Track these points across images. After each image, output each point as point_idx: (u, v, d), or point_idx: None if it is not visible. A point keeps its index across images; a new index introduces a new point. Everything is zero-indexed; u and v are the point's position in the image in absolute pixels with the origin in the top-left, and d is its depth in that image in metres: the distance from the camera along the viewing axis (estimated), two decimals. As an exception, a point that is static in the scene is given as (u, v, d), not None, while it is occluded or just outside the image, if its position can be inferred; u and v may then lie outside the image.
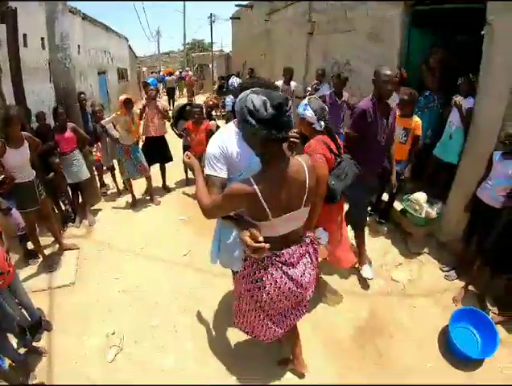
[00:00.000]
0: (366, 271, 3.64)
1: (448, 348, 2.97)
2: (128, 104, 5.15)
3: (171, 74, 18.09)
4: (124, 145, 5.23)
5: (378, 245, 4.33)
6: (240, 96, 1.74)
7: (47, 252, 4.20)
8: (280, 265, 1.90)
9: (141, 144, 5.74)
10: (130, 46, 18.10)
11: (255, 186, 1.66)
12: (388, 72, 3.07)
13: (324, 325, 3.20)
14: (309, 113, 2.68)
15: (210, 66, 21.67)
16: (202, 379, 2.67)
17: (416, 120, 4.05)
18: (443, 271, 3.82)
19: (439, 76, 4.45)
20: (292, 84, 6.47)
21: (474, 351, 2.91)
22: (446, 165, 4.23)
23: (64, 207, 5.00)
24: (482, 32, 3.41)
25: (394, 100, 4.50)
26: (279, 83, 5.97)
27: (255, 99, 1.60)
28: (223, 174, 1.98)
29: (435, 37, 4.90)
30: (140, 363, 2.86)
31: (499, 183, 3.06)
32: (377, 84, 3.15)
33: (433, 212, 4.06)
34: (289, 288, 1.95)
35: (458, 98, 3.99)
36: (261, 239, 1.68)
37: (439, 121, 4.48)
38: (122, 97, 5.25)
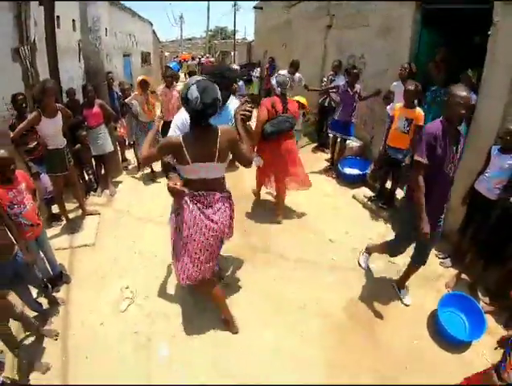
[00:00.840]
0: (405, 296, 3.51)
1: (437, 330, 3.13)
2: (143, 85, 5.56)
3: (185, 60, 18.43)
4: (141, 122, 5.64)
5: (379, 229, 4.59)
6: (187, 81, 2.35)
7: (70, 216, 4.59)
8: (195, 202, 2.49)
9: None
10: (153, 30, 18.41)
11: (180, 139, 2.32)
12: (464, 94, 2.57)
13: (320, 297, 3.46)
14: (273, 82, 4.34)
15: (232, 53, 21.89)
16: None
17: (419, 111, 4.26)
18: (438, 258, 4.02)
19: (445, 73, 4.62)
20: (297, 75, 6.79)
21: (461, 334, 3.05)
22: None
23: (87, 177, 5.42)
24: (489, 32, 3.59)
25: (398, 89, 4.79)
26: (284, 72, 6.31)
27: (193, 92, 2.20)
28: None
29: (444, 36, 5.05)
30: (149, 313, 3.23)
31: (495, 176, 3.26)
32: (450, 106, 2.62)
33: None
34: (203, 222, 2.50)
35: None
36: (178, 183, 2.48)
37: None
38: (139, 78, 5.69)
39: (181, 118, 2.78)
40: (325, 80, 7.09)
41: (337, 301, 3.43)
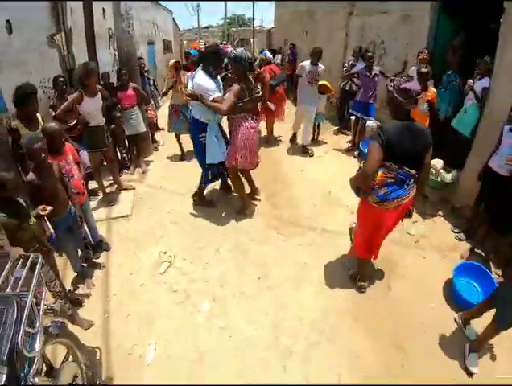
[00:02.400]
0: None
1: (451, 297, 3.30)
2: (177, 66, 5.89)
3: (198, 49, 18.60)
4: (174, 104, 5.93)
5: None
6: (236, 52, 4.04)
7: (106, 191, 4.91)
8: (249, 120, 4.06)
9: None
10: (173, 19, 18.63)
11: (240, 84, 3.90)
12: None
13: (341, 259, 3.75)
14: (268, 55, 7.17)
15: (251, 41, 21.96)
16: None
17: (433, 90, 4.52)
18: (454, 232, 4.22)
19: (460, 58, 4.80)
20: (320, 68, 6.12)
21: (474, 299, 3.18)
22: (459, 135, 4.61)
23: (120, 156, 5.73)
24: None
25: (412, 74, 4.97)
26: (306, 63, 6.07)
27: (244, 53, 3.98)
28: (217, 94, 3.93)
29: (462, 23, 5.21)
30: (187, 273, 3.54)
31: (505, 153, 3.45)
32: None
33: (448, 177, 4.50)
34: (252, 133, 4.07)
35: (470, 81, 4.43)
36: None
37: (459, 98, 4.83)
38: (172, 62, 6.00)
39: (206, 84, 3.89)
40: (346, 65, 7.27)
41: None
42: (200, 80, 3.86)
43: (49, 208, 2.68)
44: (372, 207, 2.83)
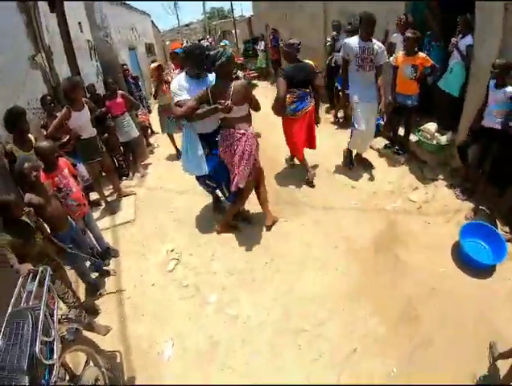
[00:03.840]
0: None
1: (460, 259, 3.30)
2: (160, 69, 5.94)
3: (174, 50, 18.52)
4: (161, 105, 6.03)
5: (396, 172, 4.86)
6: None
7: (108, 199, 4.97)
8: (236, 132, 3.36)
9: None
10: (152, 21, 18.51)
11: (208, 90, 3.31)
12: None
13: (345, 235, 3.79)
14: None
15: (233, 32, 21.79)
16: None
17: (422, 56, 4.40)
18: (455, 194, 4.20)
19: (440, 17, 4.78)
20: (374, 42, 4.43)
21: (484, 259, 3.22)
22: (449, 97, 4.60)
23: (118, 164, 5.79)
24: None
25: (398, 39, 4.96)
26: (353, 40, 4.42)
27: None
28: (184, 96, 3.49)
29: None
30: (195, 268, 3.62)
31: (493, 108, 3.49)
32: None
33: (443, 140, 4.47)
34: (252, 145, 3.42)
35: (454, 40, 4.40)
36: (227, 102, 3.14)
37: (443, 58, 4.80)
38: (153, 65, 6.08)
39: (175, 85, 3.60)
40: (329, 39, 7.19)
41: (364, 238, 3.72)
42: (174, 80, 3.72)
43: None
44: (289, 119, 4.52)
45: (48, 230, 2.96)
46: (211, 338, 2.86)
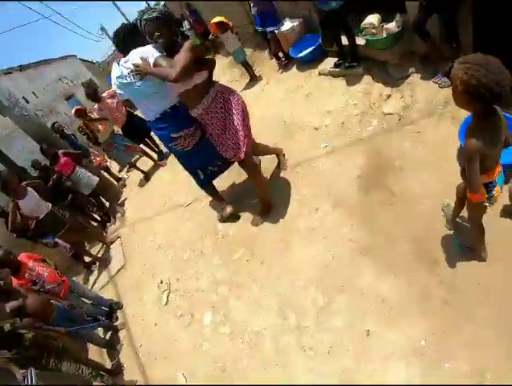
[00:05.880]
0: None
1: None
2: (80, 114, 5.71)
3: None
4: (103, 143, 5.80)
5: (360, 89, 4.16)
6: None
7: (100, 253, 5.04)
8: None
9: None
10: (81, 59, 17.75)
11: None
12: None
13: (328, 185, 3.33)
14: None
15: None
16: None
17: None
18: (436, 82, 3.49)
19: None
20: None
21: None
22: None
23: (98, 215, 5.72)
24: None
25: None
26: None
27: None
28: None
29: None
30: (184, 292, 3.49)
31: None
32: None
33: (393, 26, 3.76)
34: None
35: None
36: None
37: None
38: (73, 111, 5.85)
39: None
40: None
41: (348, 184, 3.22)
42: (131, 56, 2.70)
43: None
44: None
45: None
46: (216, 363, 2.75)
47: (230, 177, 4.12)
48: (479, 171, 1.62)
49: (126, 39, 2.88)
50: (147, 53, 2.59)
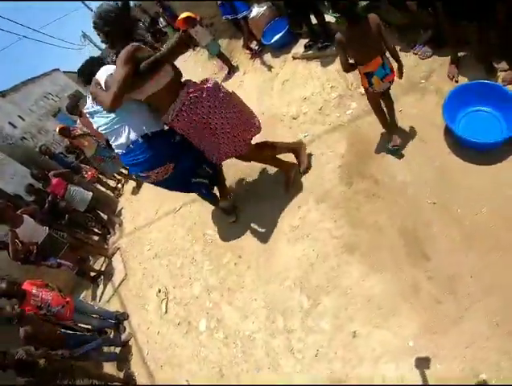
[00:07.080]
0: None
1: (457, 139, 2.46)
2: (64, 132, 5.76)
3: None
4: (92, 157, 5.87)
5: (335, 70, 3.95)
6: None
7: (103, 267, 5.20)
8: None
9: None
10: (64, 71, 17.56)
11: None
12: None
13: (310, 179, 3.26)
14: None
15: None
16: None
17: None
18: (416, 54, 3.26)
19: None
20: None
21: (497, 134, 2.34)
22: None
23: (97, 230, 5.87)
24: None
25: None
26: None
27: None
28: None
29: None
30: (181, 300, 3.58)
31: None
32: None
33: None
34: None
35: None
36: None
37: None
38: (57, 129, 5.87)
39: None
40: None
41: (331, 174, 3.14)
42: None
43: None
44: None
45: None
46: (214, 369, 2.85)
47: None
48: (348, 59, 2.43)
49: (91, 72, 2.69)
50: (101, 75, 2.47)
